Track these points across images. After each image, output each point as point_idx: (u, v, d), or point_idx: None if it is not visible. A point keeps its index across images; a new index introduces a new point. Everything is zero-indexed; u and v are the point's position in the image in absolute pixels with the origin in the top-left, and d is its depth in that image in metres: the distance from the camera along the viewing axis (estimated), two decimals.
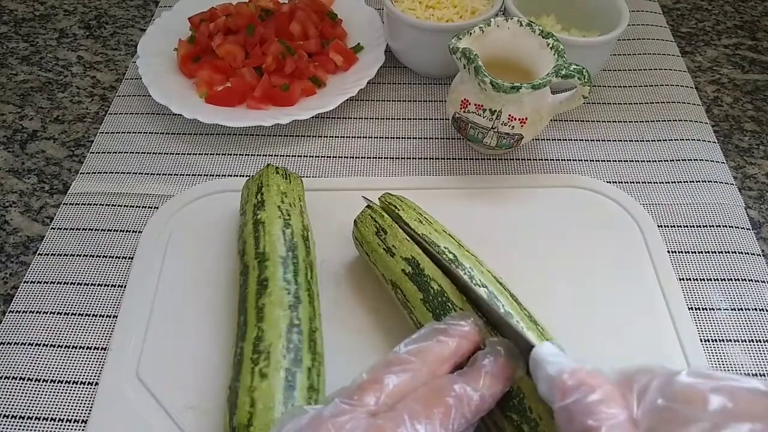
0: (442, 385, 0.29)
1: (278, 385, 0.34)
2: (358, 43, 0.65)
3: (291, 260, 0.41)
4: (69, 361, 0.43)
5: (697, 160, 0.56)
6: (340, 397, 0.28)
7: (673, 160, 0.56)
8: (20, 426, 0.40)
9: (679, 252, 0.49)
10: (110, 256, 0.49)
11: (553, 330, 0.39)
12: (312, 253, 0.44)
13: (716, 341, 0.44)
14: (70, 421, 0.40)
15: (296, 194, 0.47)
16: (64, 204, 0.53)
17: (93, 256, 0.49)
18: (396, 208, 0.43)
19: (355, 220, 0.45)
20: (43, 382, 0.42)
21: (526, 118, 0.49)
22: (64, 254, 0.49)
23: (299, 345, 0.36)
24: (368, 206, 0.44)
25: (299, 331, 0.37)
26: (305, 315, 0.38)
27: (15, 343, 0.44)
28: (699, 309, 0.45)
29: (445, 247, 0.40)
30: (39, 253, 0.49)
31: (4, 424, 0.40)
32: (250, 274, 0.41)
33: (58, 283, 0.47)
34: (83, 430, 0.40)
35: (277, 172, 0.47)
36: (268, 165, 0.48)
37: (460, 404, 0.28)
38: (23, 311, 0.46)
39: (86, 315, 0.45)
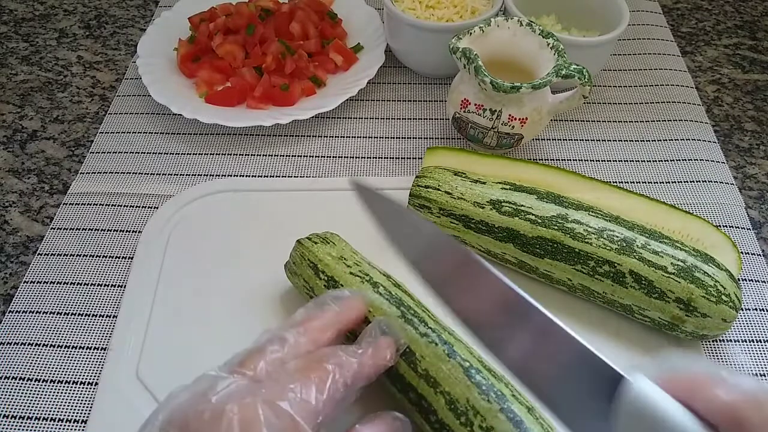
0: (324, 353, 0.30)
1: (509, 428, 0.33)
2: (358, 43, 0.65)
3: (409, 313, 0.38)
4: (69, 361, 0.43)
5: (697, 160, 0.56)
6: (220, 368, 0.29)
7: (673, 160, 0.56)
8: (20, 426, 0.40)
9: None
10: (110, 256, 0.49)
11: None
12: (408, 290, 0.41)
13: (716, 341, 0.44)
14: (70, 421, 0.40)
15: (349, 250, 0.43)
16: (63, 204, 0.53)
17: (93, 256, 0.49)
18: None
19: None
20: (43, 382, 0.42)
21: (527, 118, 0.49)
22: (64, 254, 0.49)
23: (489, 381, 0.35)
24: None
25: (477, 370, 0.35)
26: (464, 352, 0.36)
27: (15, 343, 0.44)
28: None
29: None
30: (39, 253, 0.49)
31: (4, 424, 0.40)
32: None
33: (57, 283, 0.47)
34: (83, 430, 0.40)
35: (316, 242, 0.43)
36: (299, 242, 0.43)
37: (340, 370, 0.29)
38: (23, 311, 0.46)
39: (86, 315, 0.45)
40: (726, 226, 0.50)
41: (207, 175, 0.55)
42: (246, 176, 0.55)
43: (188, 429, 0.27)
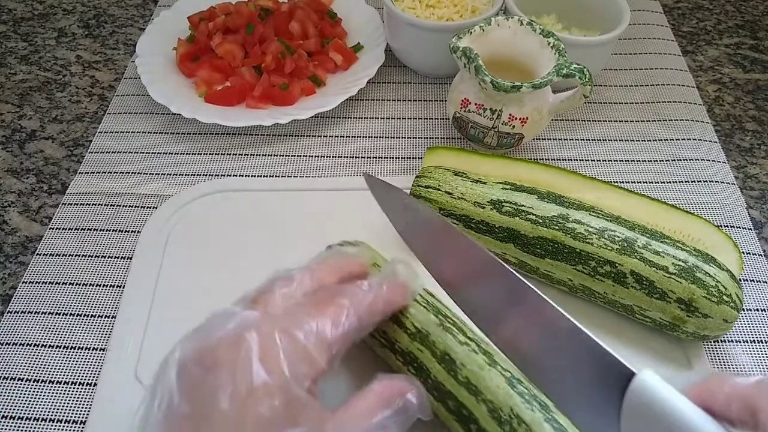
0: (337, 288, 0.31)
1: None
2: (358, 43, 0.64)
3: (447, 321, 0.37)
4: (67, 362, 0.43)
5: (698, 159, 0.55)
6: (232, 305, 0.30)
7: (674, 160, 0.56)
8: (19, 427, 0.40)
9: None
10: (109, 257, 0.49)
11: None
12: (438, 296, 0.39)
13: (718, 342, 0.43)
14: (68, 422, 0.40)
15: (380, 258, 0.41)
16: (62, 204, 0.53)
17: (92, 256, 0.49)
18: None
19: None
20: (41, 382, 0.42)
21: (527, 118, 0.49)
22: (63, 254, 0.49)
23: (531, 392, 0.34)
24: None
25: (518, 380, 0.34)
26: (504, 362, 0.35)
27: (13, 343, 0.44)
28: None
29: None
30: (37, 254, 0.49)
31: (3, 425, 0.40)
32: (421, 358, 0.36)
33: (56, 283, 0.47)
34: (82, 430, 0.39)
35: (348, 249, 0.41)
36: (331, 247, 0.41)
37: (353, 304, 0.30)
38: (22, 312, 0.45)
39: (85, 315, 0.45)
40: (727, 226, 0.50)
41: (206, 175, 0.55)
42: (246, 176, 0.55)
43: (206, 359, 0.27)
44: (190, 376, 0.28)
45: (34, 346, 0.44)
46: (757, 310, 0.45)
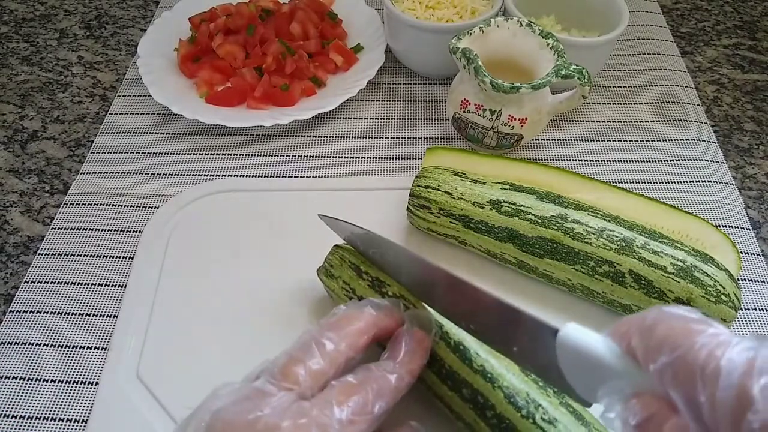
0: (365, 376, 0.31)
1: (571, 420, 0.33)
2: (358, 43, 0.65)
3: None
4: (69, 361, 0.43)
5: (696, 160, 0.56)
6: (265, 376, 0.30)
7: (672, 160, 0.56)
8: (20, 426, 0.40)
9: None
10: (110, 256, 0.49)
11: None
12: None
13: None
14: (70, 421, 0.40)
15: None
16: (64, 204, 0.53)
17: (93, 256, 0.49)
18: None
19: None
20: (43, 381, 0.42)
21: (526, 118, 0.49)
22: (65, 254, 0.49)
23: (530, 390, 0.35)
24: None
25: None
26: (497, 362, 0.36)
27: (15, 342, 0.44)
28: None
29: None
30: (39, 253, 0.49)
31: (4, 424, 0.40)
32: (435, 348, 0.36)
33: (58, 283, 0.47)
34: (83, 430, 0.40)
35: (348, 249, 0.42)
36: (338, 246, 0.43)
37: (380, 391, 0.30)
38: (23, 311, 0.46)
39: (86, 315, 0.45)
40: (725, 226, 0.51)
41: (207, 175, 0.55)
42: (246, 176, 0.55)
43: None
44: None
45: (35, 346, 0.44)
46: (755, 309, 0.46)
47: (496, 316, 0.31)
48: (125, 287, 0.46)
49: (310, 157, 0.57)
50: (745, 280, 0.47)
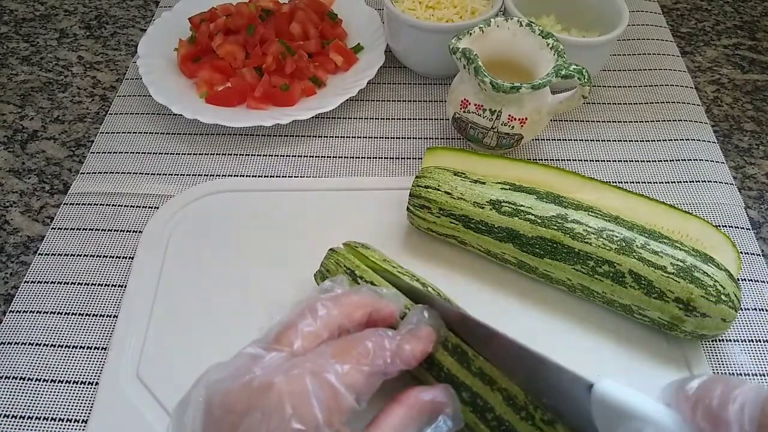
0: (363, 333, 0.31)
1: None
2: (358, 43, 0.65)
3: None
4: (69, 361, 0.43)
5: (696, 160, 0.56)
6: (256, 344, 0.30)
7: (672, 160, 0.56)
8: (20, 426, 0.40)
9: None
10: (110, 256, 0.49)
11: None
12: (448, 297, 0.41)
13: (716, 341, 0.44)
14: (70, 421, 0.40)
15: (384, 258, 0.43)
16: (64, 204, 0.53)
17: (93, 256, 0.49)
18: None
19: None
20: (43, 382, 0.42)
21: (526, 118, 0.49)
22: (65, 254, 0.49)
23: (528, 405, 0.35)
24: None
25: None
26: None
27: (15, 342, 0.44)
28: None
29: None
30: (39, 253, 0.49)
31: (4, 424, 0.40)
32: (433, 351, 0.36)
33: (58, 283, 0.47)
34: (83, 430, 0.40)
35: (353, 249, 0.43)
36: (333, 250, 0.43)
37: (379, 349, 0.30)
38: (23, 311, 0.46)
39: (86, 315, 0.45)
40: (725, 226, 0.51)
41: (207, 175, 0.55)
42: (246, 176, 0.55)
43: (236, 404, 0.27)
44: (218, 420, 0.27)
45: (35, 346, 0.44)
46: (755, 309, 0.46)
47: (528, 366, 0.32)
48: (125, 287, 0.46)
49: (310, 157, 0.57)
50: (745, 280, 0.47)
